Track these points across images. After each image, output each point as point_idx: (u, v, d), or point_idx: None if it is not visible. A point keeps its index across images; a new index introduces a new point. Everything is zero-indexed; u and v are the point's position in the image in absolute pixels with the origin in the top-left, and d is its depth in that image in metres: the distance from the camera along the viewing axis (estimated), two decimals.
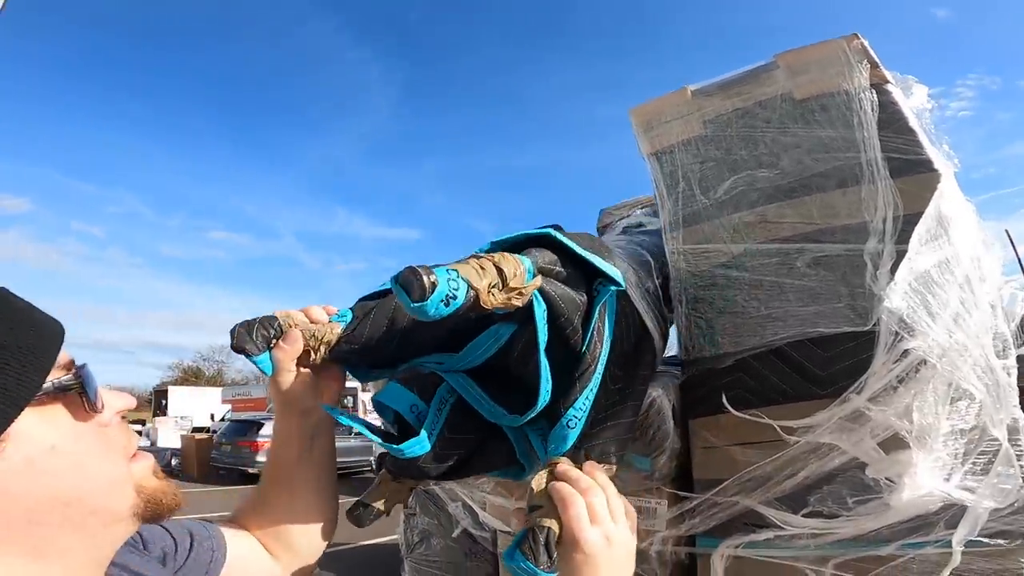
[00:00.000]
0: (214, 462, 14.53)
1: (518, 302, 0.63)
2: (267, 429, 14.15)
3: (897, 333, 0.81)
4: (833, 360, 0.91)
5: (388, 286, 0.67)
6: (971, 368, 0.80)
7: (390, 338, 0.70)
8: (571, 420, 0.71)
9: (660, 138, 1.12)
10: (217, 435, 14.79)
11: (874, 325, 0.88)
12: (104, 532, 0.52)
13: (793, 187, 0.97)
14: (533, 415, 0.70)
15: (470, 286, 0.59)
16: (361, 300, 0.73)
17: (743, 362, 1.00)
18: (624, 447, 0.84)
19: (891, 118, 0.92)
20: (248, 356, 0.64)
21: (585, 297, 0.72)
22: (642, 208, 1.58)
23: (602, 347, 0.73)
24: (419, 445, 0.72)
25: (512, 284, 0.62)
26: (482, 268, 0.61)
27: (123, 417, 0.55)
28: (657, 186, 1.13)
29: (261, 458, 13.50)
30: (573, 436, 0.72)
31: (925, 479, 0.81)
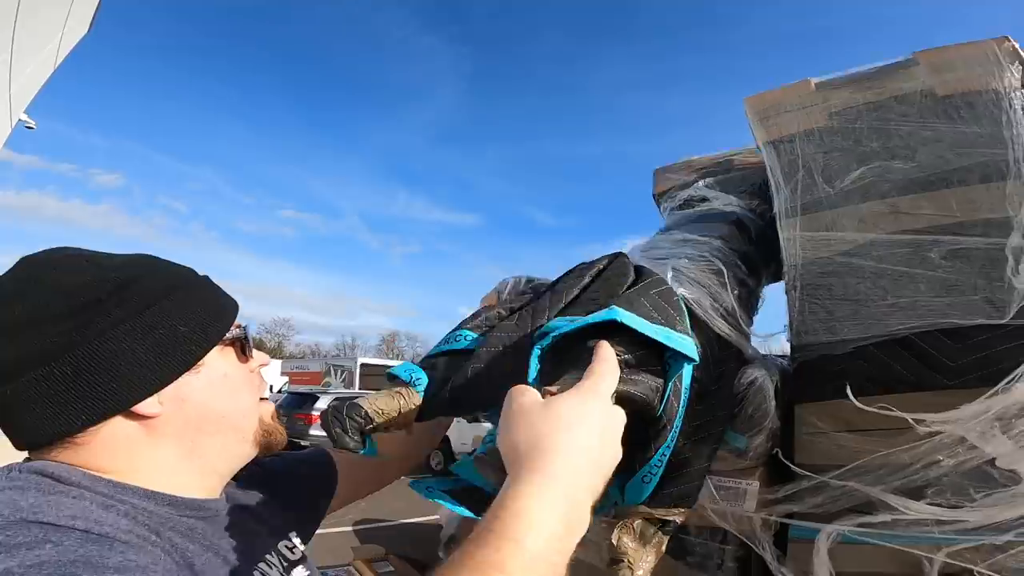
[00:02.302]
0: None
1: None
2: (321, 403, 14.44)
3: None
4: (964, 351, 0.91)
5: (459, 346, 0.76)
6: None
7: (472, 392, 0.73)
8: (646, 476, 0.70)
9: (779, 127, 1.13)
10: (275, 406, 15.08)
11: (1013, 318, 0.87)
12: (234, 447, 0.68)
13: (931, 180, 0.97)
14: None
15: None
16: (429, 357, 0.78)
17: (862, 350, 0.99)
18: (699, 488, 0.84)
19: None
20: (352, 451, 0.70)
21: (660, 380, 0.69)
22: (701, 176, 1.49)
23: (679, 405, 0.70)
24: None
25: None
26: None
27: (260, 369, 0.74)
28: (773, 173, 1.13)
29: (314, 431, 13.94)
30: (650, 488, 0.71)
31: None
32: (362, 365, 24.89)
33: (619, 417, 0.57)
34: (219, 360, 0.66)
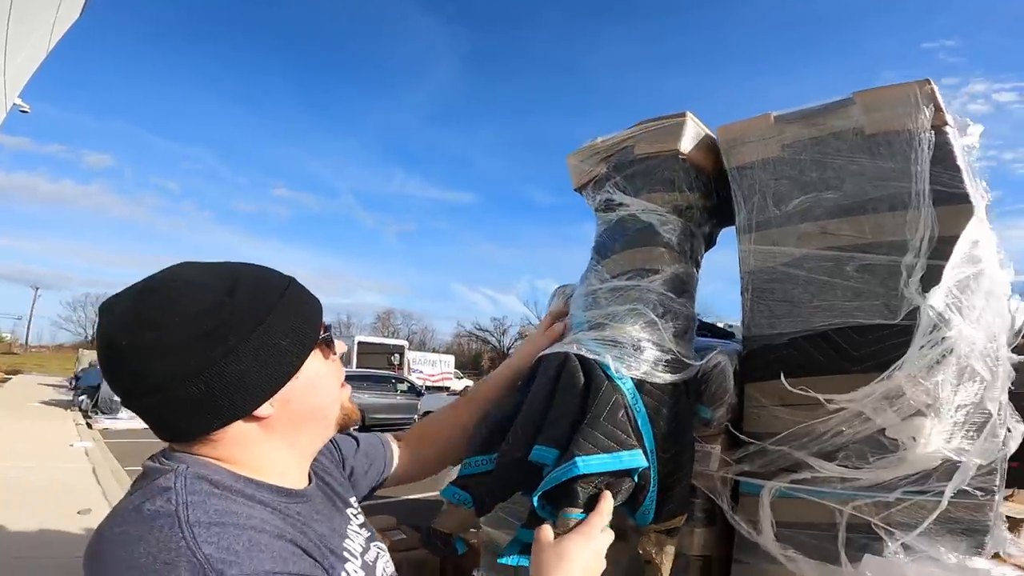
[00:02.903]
0: None
1: None
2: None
3: (935, 325, 1.04)
4: (865, 344, 1.15)
5: (481, 469, 1.13)
6: (982, 357, 1.03)
7: (502, 491, 1.15)
8: (647, 508, 1.11)
9: (742, 156, 1.36)
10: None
11: (902, 319, 1.11)
12: (323, 432, 0.82)
13: (852, 207, 1.20)
14: None
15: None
16: (461, 478, 1.14)
17: (794, 341, 1.25)
18: (687, 500, 1.22)
19: (943, 156, 1.13)
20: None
21: (633, 481, 1.08)
22: (609, 165, 1.49)
23: (652, 474, 1.10)
24: None
25: None
26: None
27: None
28: (735, 195, 1.37)
29: None
30: (651, 513, 1.12)
31: (934, 441, 1.05)
32: (359, 343, 25.20)
33: (605, 543, 0.92)
34: (312, 361, 0.76)
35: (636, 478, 1.08)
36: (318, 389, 0.78)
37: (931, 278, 1.09)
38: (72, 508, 5.76)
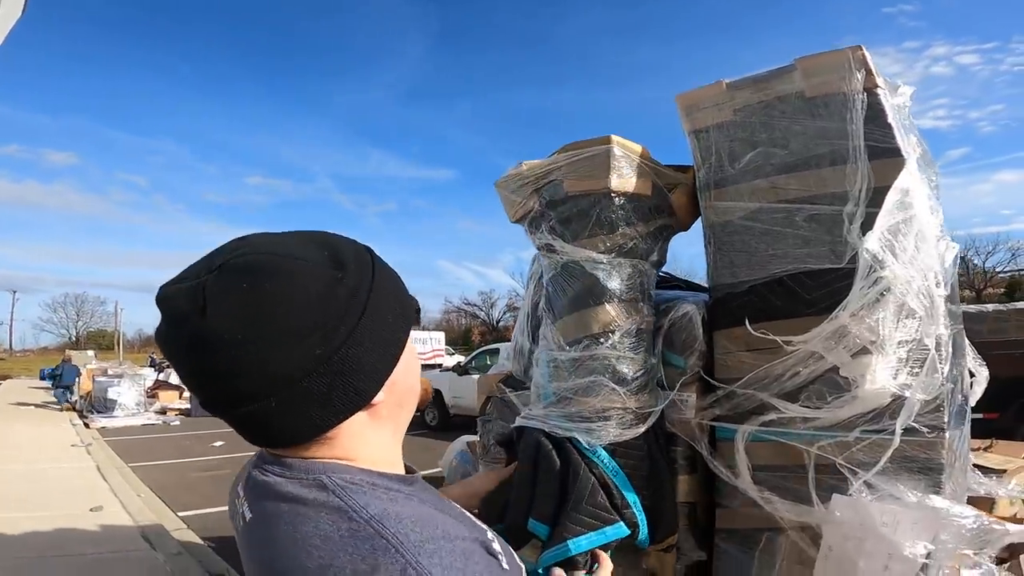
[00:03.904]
0: None
1: None
2: None
3: (871, 267, 1.16)
4: (816, 288, 1.28)
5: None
6: (917, 295, 1.15)
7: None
8: (641, 535, 1.28)
9: (699, 120, 1.47)
10: None
11: (847, 263, 1.25)
12: (410, 413, 0.75)
13: (798, 163, 1.32)
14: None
15: None
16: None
17: (753, 288, 1.38)
18: (676, 519, 1.37)
19: (875, 115, 1.25)
20: None
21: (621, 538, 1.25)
22: (539, 201, 1.48)
23: (639, 520, 1.28)
24: None
25: None
26: None
27: None
28: (695, 156, 1.49)
29: None
30: (646, 538, 1.29)
31: (880, 376, 1.14)
32: None
33: None
34: (408, 346, 0.70)
35: (625, 532, 1.26)
36: (412, 365, 0.72)
37: (870, 224, 1.20)
38: (83, 506, 5.88)
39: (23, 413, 15.27)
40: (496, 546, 0.63)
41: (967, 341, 1.66)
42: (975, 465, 1.81)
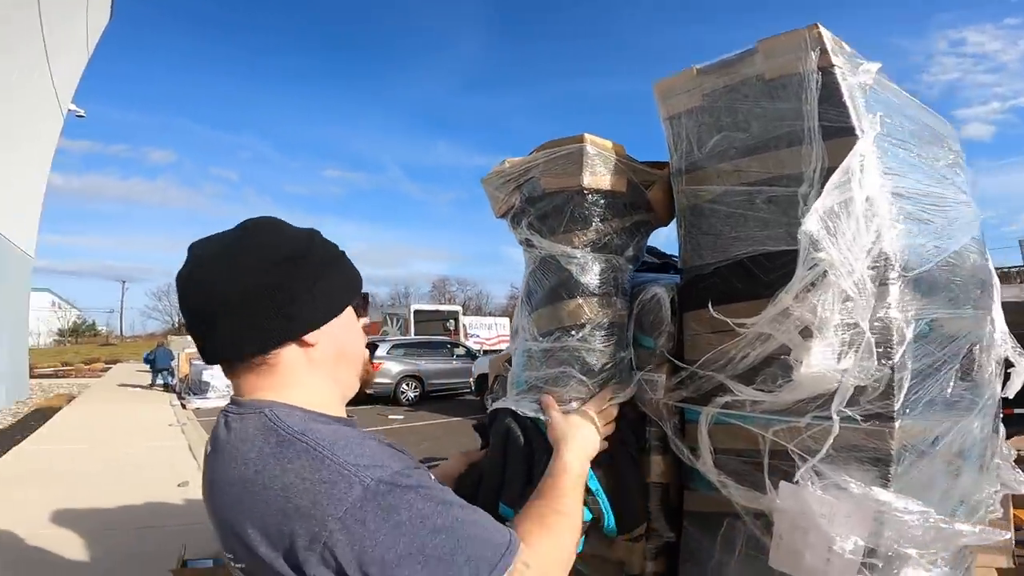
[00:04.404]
0: None
1: None
2: (381, 350, 15.96)
3: (809, 249, 1.18)
4: (773, 270, 1.29)
5: None
6: (849, 276, 1.14)
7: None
8: (608, 525, 1.37)
9: (672, 107, 1.51)
10: None
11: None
12: (353, 379, 0.99)
13: (758, 146, 1.34)
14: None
15: None
16: None
17: (718, 270, 1.41)
18: (645, 509, 1.44)
19: (830, 94, 1.24)
20: None
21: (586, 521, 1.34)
22: (520, 198, 1.53)
23: (603, 506, 1.36)
24: None
25: None
26: None
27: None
28: (668, 142, 1.52)
29: (379, 379, 15.36)
30: (613, 527, 1.38)
31: (817, 359, 1.12)
32: (415, 312, 26.65)
33: (600, 417, 1.29)
34: (350, 312, 0.96)
35: (588, 517, 1.33)
36: (351, 334, 0.97)
37: None
38: (173, 481, 6.53)
39: (128, 395, 16.90)
40: (414, 481, 0.77)
41: (1002, 329, 1.60)
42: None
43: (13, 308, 14.66)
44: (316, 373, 0.90)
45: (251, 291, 0.83)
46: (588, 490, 1.33)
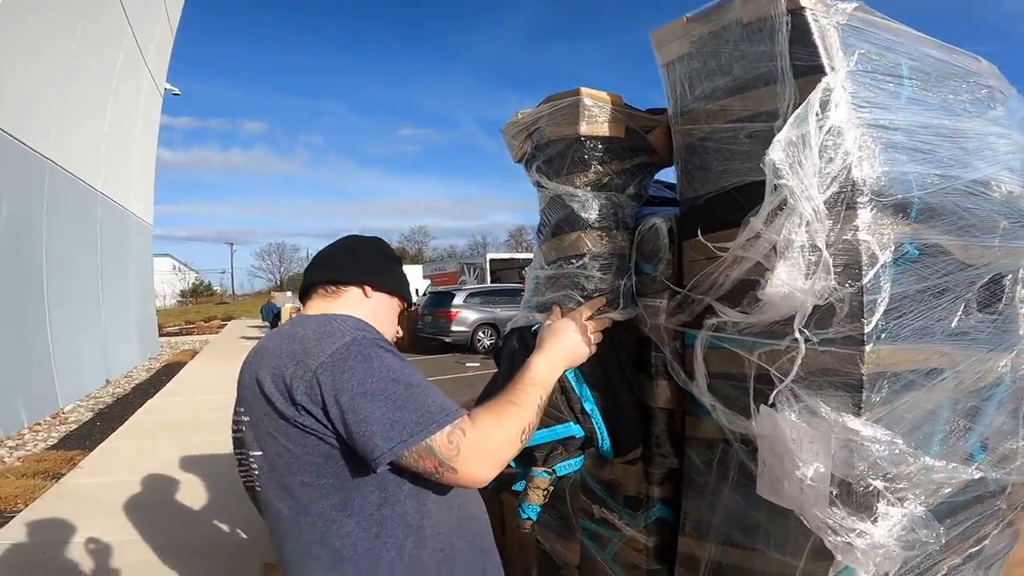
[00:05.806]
0: (419, 332, 17.08)
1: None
2: (458, 299, 16.61)
3: (772, 176, 1.30)
4: (756, 199, 1.44)
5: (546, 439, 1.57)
6: (811, 204, 1.25)
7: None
8: (603, 445, 1.57)
9: (667, 54, 1.66)
10: (420, 307, 17.45)
11: None
12: (385, 327, 1.36)
13: (739, 87, 1.48)
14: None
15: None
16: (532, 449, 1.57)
17: (709, 201, 1.59)
18: (640, 432, 1.60)
19: (800, 35, 1.34)
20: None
21: (578, 439, 1.57)
22: (531, 144, 1.76)
23: (595, 423, 1.57)
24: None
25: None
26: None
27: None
28: (665, 87, 1.68)
29: (455, 327, 16.12)
30: (609, 448, 1.58)
31: (782, 278, 1.22)
32: (491, 260, 27.49)
33: (578, 331, 1.48)
34: (396, 300, 1.44)
35: (579, 434, 1.53)
36: (390, 313, 1.43)
37: None
38: None
39: (244, 349, 18.73)
40: (394, 351, 1.16)
41: None
42: None
43: (140, 273, 16.62)
44: (363, 309, 1.33)
45: (366, 253, 1.42)
46: (584, 410, 1.50)
